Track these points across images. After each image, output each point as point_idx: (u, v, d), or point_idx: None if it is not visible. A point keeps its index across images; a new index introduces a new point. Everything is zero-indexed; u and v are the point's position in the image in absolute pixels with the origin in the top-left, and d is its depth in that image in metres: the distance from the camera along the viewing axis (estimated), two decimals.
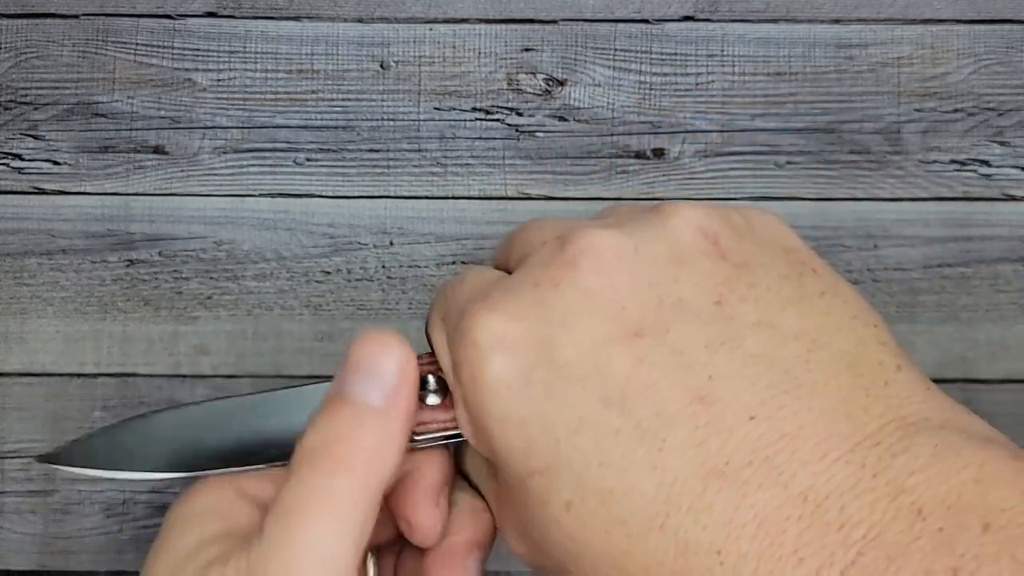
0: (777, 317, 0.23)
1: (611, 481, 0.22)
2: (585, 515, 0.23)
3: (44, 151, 0.49)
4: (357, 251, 0.49)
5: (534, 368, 0.24)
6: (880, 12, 0.50)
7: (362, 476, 0.24)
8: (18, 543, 0.48)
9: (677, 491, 0.21)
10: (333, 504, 0.24)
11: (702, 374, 0.22)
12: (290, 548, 0.24)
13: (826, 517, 0.20)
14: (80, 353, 0.48)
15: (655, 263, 0.24)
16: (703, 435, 0.22)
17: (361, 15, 0.50)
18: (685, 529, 0.21)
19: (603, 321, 0.24)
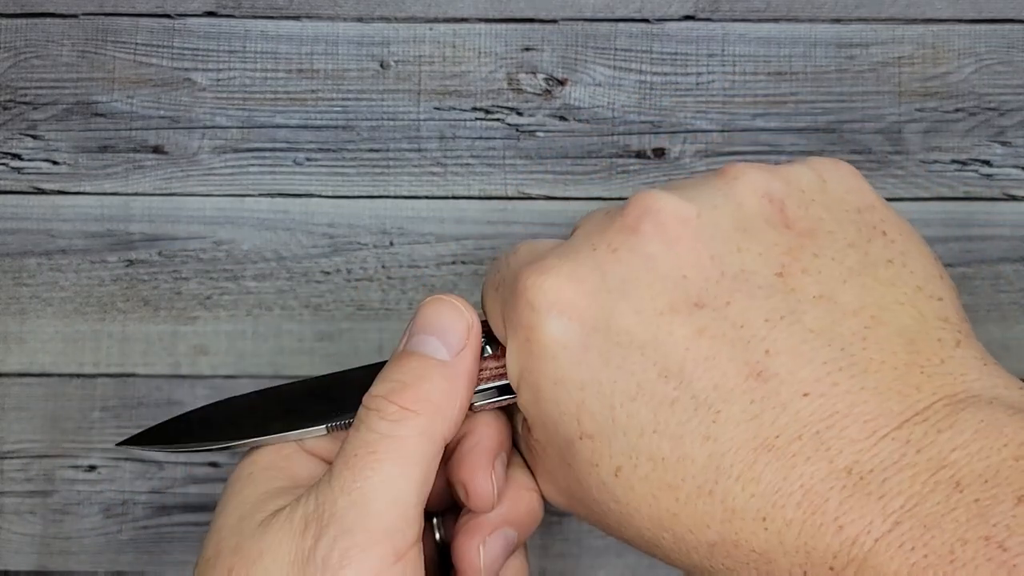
0: (838, 290, 0.23)
1: (664, 448, 0.23)
2: (635, 480, 0.23)
3: (43, 151, 0.49)
4: (357, 251, 0.49)
5: (591, 333, 0.24)
6: (881, 11, 0.49)
7: (428, 422, 0.25)
8: (17, 544, 0.48)
9: (728, 461, 0.22)
10: (400, 448, 0.25)
11: (759, 348, 0.22)
12: (358, 490, 0.24)
13: (867, 489, 0.20)
14: (79, 353, 0.48)
15: (718, 231, 0.24)
16: (757, 409, 0.22)
17: (361, 14, 0.50)
18: (733, 497, 0.22)
19: (663, 290, 0.23)
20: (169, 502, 0.48)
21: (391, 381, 0.26)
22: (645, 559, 0.47)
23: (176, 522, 0.48)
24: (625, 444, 0.23)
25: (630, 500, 0.23)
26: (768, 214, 0.24)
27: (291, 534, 0.25)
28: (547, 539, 0.48)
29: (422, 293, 0.48)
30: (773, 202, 0.24)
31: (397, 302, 0.49)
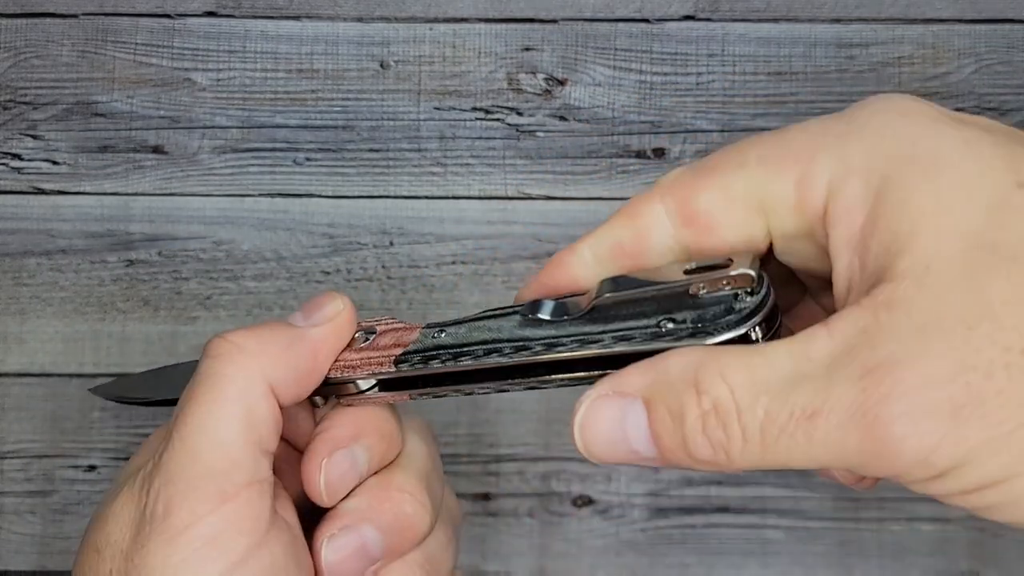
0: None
1: None
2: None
3: (43, 151, 0.49)
4: (357, 251, 0.49)
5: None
6: (881, 12, 0.49)
7: (252, 362, 0.25)
8: (17, 544, 0.48)
9: None
10: (219, 387, 0.25)
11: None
12: (182, 438, 0.24)
13: None
14: (79, 353, 0.48)
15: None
16: None
17: (361, 14, 0.50)
18: None
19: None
20: None
21: (234, 331, 0.26)
22: (645, 558, 0.47)
23: None
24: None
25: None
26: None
27: (132, 495, 0.25)
28: (547, 539, 0.48)
29: (422, 293, 0.48)
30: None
31: (397, 302, 0.49)
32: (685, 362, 0.20)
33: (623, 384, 0.21)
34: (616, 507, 0.48)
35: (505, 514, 0.48)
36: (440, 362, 0.26)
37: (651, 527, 0.48)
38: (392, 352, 0.27)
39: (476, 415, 0.48)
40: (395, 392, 0.27)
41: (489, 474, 0.48)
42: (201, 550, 0.23)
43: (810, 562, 0.47)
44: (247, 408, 0.25)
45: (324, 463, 0.26)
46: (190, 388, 0.25)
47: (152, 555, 0.23)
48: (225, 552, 0.23)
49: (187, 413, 0.25)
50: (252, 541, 0.24)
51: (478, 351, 0.25)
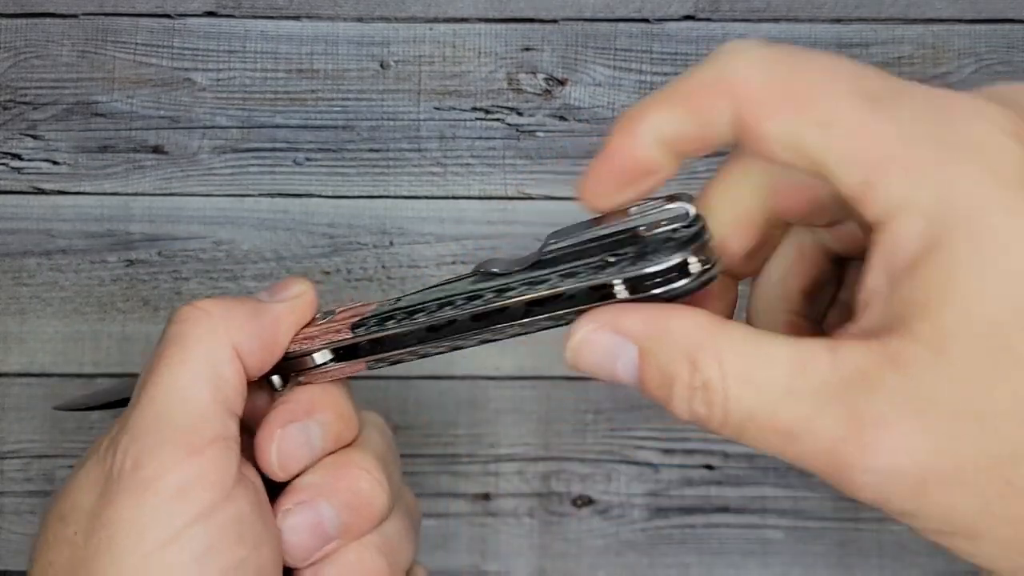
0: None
1: None
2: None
3: (43, 151, 0.49)
4: (357, 251, 0.49)
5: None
6: (881, 11, 0.49)
7: (218, 323, 0.26)
8: (17, 544, 0.47)
9: None
10: (185, 347, 0.25)
11: None
12: (147, 397, 0.25)
13: None
14: (79, 353, 0.48)
15: None
16: None
17: (361, 14, 0.50)
18: None
19: None
20: None
21: (202, 299, 0.27)
22: (645, 559, 0.47)
23: None
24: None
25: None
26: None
27: (97, 462, 0.25)
28: (547, 539, 0.48)
29: None
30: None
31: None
32: (686, 328, 0.20)
33: (622, 323, 0.22)
34: (616, 507, 0.48)
35: (505, 514, 0.48)
36: (396, 322, 0.26)
37: (651, 527, 0.48)
38: (349, 320, 0.27)
39: (476, 415, 0.48)
40: (351, 362, 0.28)
41: (489, 474, 0.48)
42: (169, 502, 0.23)
43: (810, 562, 0.47)
44: (214, 367, 0.25)
45: (278, 434, 0.26)
46: (157, 351, 0.26)
47: (121, 508, 0.23)
48: (193, 503, 0.24)
49: (154, 373, 0.25)
50: (219, 495, 0.24)
51: (432, 306, 0.26)
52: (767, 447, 0.19)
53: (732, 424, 0.20)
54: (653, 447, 0.48)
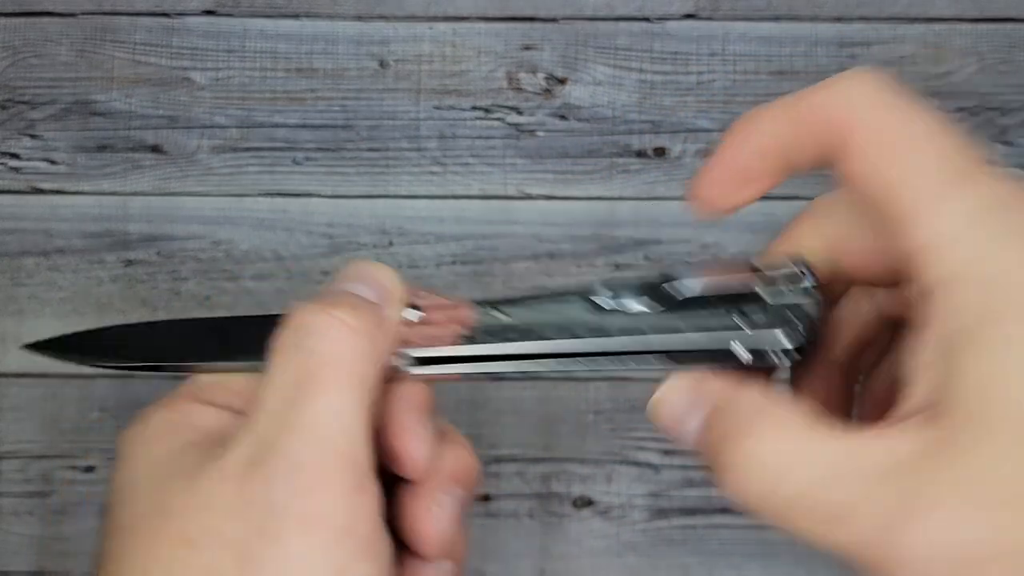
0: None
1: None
2: None
3: (41, 150, 0.49)
4: (356, 251, 0.49)
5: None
6: (883, 10, 0.49)
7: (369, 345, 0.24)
8: (16, 545, 0.47)
9: None
10: (343, 370, 0.23)
11: None
12: (304, 420, 0.23)
13: None
14: None
15: None
16: None
17: (360, 13, 0.50)
18: None
19: None
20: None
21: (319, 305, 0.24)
22: (645, 559, 0.47)
23: None
24: None
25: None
26: None
27: (231, 481, 0.23)
28: (547, 539, 0.48)
29: None
30: None
31: None
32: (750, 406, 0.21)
33: (704, 385, 0.22)
34: (616, 508, 0.48)
35: (505, 515, 0.48)
36: (510, 342, 0.26)
37: (652, 528, 0.48)
38: (453, 328, 0.27)
39: (476, 415, 0.48)
40: (445, 370, 0.27)
41: (489, 474, 0.48)
42: (338, 540, 0.22)
43: (811, 563, 0.47)
44: (367, 391, 0.23)
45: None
46: (304, 367, 0.23)
47: (289, 546, 0.22)
48: (358, 542, 0.23)
49: (310, 394, 0.23)
50: (378, 530, 0.23)
51: (548, 331, 0.25)
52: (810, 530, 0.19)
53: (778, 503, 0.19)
54: (654, 448, 0.48)
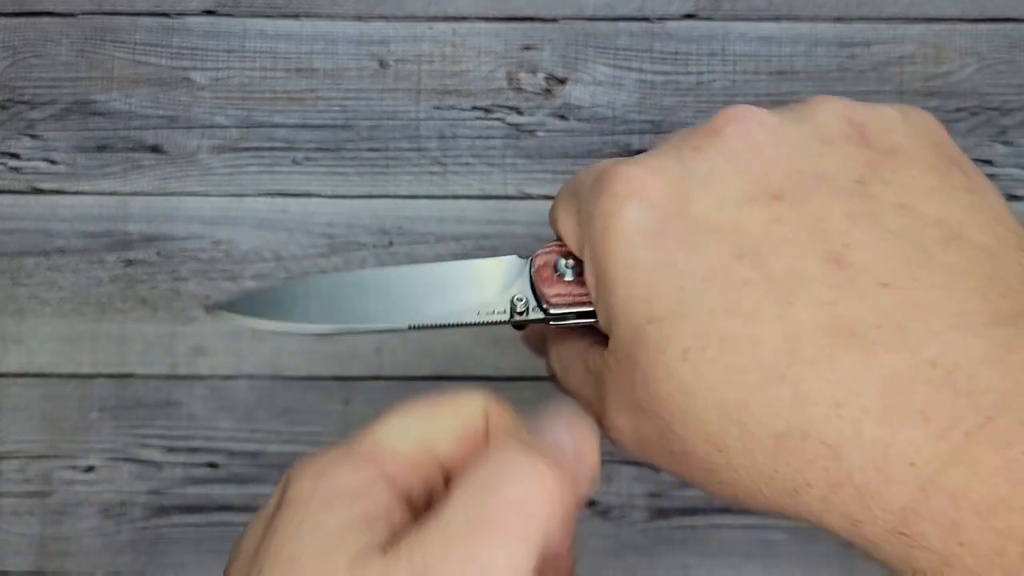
0: (920, 202, 0.23)
1: (735, 329, 0.22)
2: (703, 363, 0.22)
3: (41, 150, 0.49)
4: (356, 251, 0.48)
5: (668, 218, 0.24)
6: (883, 10, 0.49)
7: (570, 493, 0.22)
8: (15, 544, 0.47)
9: (803, 344, 0.21)
10: (531, 523, 0.21)
11: (838, 241, 0.22)
12: (476, 563, 0.21)
13: (956, 384, 0.20)
14: (77, 353, 0.48)
15: (800, 139, 0.24)
16: (834, 295, 0.22)
17: (360, 13, 0.50)
18: (806, 381, 0.21)
19: (744, 182, 0.24)
20: (167, 503, 0.48)
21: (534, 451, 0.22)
22: (646, 560, 0.47)
23: (175, 523, 0.47)
24: (694, 325, 0.22)
25: (697, 387, 0.22)
26: (848, 132, 0.25)
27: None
28: None
29: None
30: (853, 124, 0.25)
31: None
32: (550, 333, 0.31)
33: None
34: (617, 508, 0.48)
35: None
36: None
37: (652, 528, 0.47)
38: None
39: None
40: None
41: None
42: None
43: (812, 563, 0.47)
44: (540, 552, 0.21)
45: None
46: (492, 507, 0.21)
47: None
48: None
49: (485, 538, 0.21)
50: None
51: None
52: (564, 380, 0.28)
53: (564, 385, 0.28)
54: None
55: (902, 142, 0.25)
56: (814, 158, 0.24)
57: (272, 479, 0.48)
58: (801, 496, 0.21)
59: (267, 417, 0.48)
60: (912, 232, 0.22)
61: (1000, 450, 0.19)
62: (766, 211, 0.23)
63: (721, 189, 0.24)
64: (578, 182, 0.27)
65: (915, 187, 0.23)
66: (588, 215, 0.25)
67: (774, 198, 0.23)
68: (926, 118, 0.26)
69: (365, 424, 0.24)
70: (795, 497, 0.21)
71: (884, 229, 0.22)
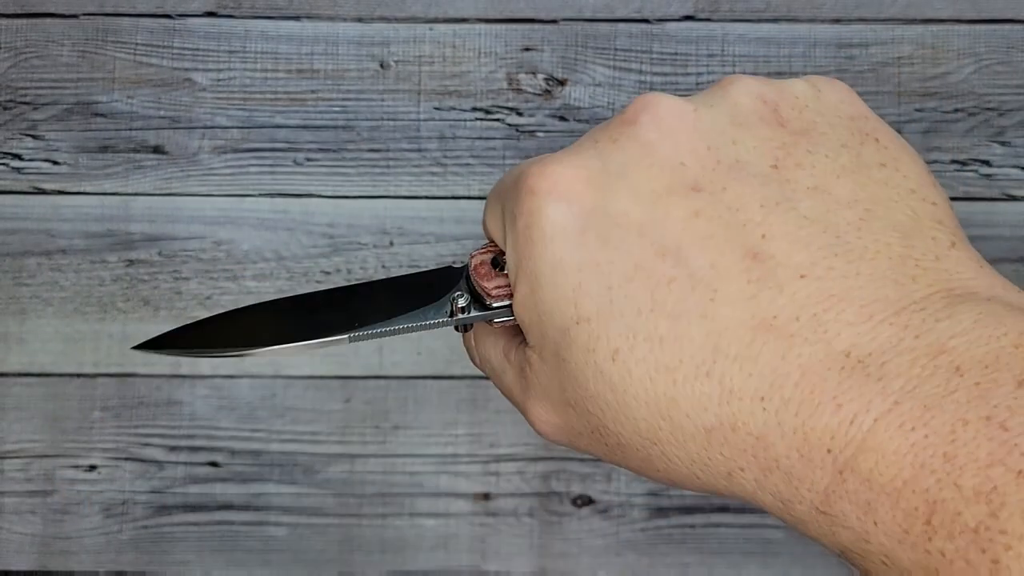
0: (833, 184, 0.24)
1: (662, 328, 0.23)
2: (632, 362, 0.23)
3: (43, 151, 0.49)
4: (357, 251, 0.49)
5: (591, 215, 0.24)
6: (881, 12, 0.50)
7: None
8: (18, 543, 0.48)
9: (726, 340, 0.22)
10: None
11: (756, 232, 0.23)
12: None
13: (866, 370, 0.21)
14: (79, 353, 0.48)
15: (714, 124, 0.25)
16: (754, 289, 0.23)
17: (361, 15, 0.50)
18: (731, 376, 0.22)
19: (661, 173, 0.24)
20: (169, 502, 0.48)
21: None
22: (645, 558, 0.48)
23: (176, 522, 0.48)
24: (622, 325, 0.23)
25: (628, 386, 0.23)
26: (762, 113, 0.25)
27: None
28: (547, 539, 0.48)
29: None
30: (767, 103, 0.25)
31: None
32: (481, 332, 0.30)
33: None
34: (616, 507, 0.48)
35: (505, 514, 0.48)
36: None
37: (651, 527, 0.48)
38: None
39: (476, 415, 0.48)
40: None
41: (489, 474, 0.48)
42: None
43: (810, 562, 0.47)
44: None
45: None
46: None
47: None
48: None
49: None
50: None
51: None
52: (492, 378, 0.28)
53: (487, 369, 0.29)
54: None
55: (814, 120, 0.25)
56: (729, 145, 0.25)
57: (273, 478, 0.48)
58: (735, 479, 0.22)
59: (268, 416, 0.48)
60: (826, 217, 0.23)
61: (905, 434, 0.20)
62: (684, 205, 0.24)
63: (638, 182, 0.24)
64: (502, 183, 0.28)
65: (827, 168, 0.24)
66: (512, 215, 0.26)
67: (693, 190, 0.24)
68: (839, 89, 0.27)
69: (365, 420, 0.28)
70: (729, 479, 0.23)
71: (799, 216, 0.23)
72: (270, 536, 0.48)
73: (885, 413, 0.20)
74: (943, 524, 0.19)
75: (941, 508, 0.19)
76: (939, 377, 0.20)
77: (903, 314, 0.22)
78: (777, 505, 0.22)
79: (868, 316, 0.22)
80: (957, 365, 0.20)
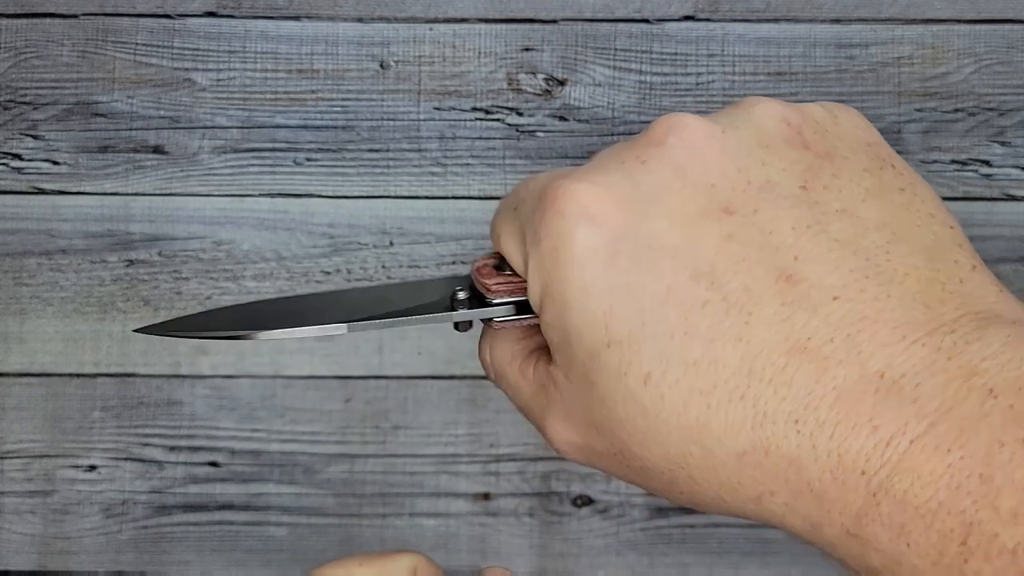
0: (859, 207, 0.24)
1: (696, 352, 0.23)
2: (665, 387, 0.23)
3: (43, 151, 0.49)
4: (357, 251, 0.49)
5: (622, 238, 0.24)
6: (881, 12, 0.50)
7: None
8: (17, 543, 0.48)
9: (760, 364, 0.22)
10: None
11: (788, 254, 0.23)
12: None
13: (901, 392, 0.21)
14: (79, 353, 0.48)
15: (742, 146, 0.25)
16: (788, 312, 0.22)
17: (361, 15, 0.50)
18: (765, 400, 0.22)
19: (693, 197, 0.24)
20: (169, 502, 0.48)
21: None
22: (645, 558, 0.48)
23: (176, 522, 0.48)
24: (655, 349, 0.23)
25: (660, 410, 0.23)
26: (788, 135, 0.25)
27: None
28: (547, 539, 0.48)
29: None
30: (791, 125, 0.25)
31: None
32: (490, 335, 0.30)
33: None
34: (616, 507, 0.48)
35: (505, 514, 0.48)
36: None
37: (651, 527, 0.48)
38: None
39: (476, 415, 0.48)
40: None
41: (489, 474, 0.48)
42: None
43: (809, 562, 0.47)
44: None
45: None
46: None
47: None
48: None
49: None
50: None
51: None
52: (507, 392, 0.29)
53: (503, 386, 0.29)
54: None
55: (835, 144, 0.25)
56: (759, 166, 0.24)
57: (273, 478, 0.48)
58: (764, 502, 0.22)
59: (268, 416, 0.48)
60: (855, 240, 0.23)
61: (941, 456, 0.20)
62: (717, 228, 0.23)
63: (670, 205, 0.24)
64: (518, 198, 0.27)
65: (853, 192, 0.24)
66: (535, 235, 0.25)
67: (725, 212, 0.24)
68: (854, 115, 0.27)
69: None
70: (758, 503, 0.22)
71: (830, 239, 0.23)
72: (270, 536, 0.48)
73: (921, 435, 0.20)
74: (979, 546, 0.19)
75: (977, 530, 0.19)
76: (973, 399, 0.20)
77: (935, 336, 0.21)
78: (807, 528, 0.22)
79: (901, 337, 0.21)
80: (991, 387, 0.20)
